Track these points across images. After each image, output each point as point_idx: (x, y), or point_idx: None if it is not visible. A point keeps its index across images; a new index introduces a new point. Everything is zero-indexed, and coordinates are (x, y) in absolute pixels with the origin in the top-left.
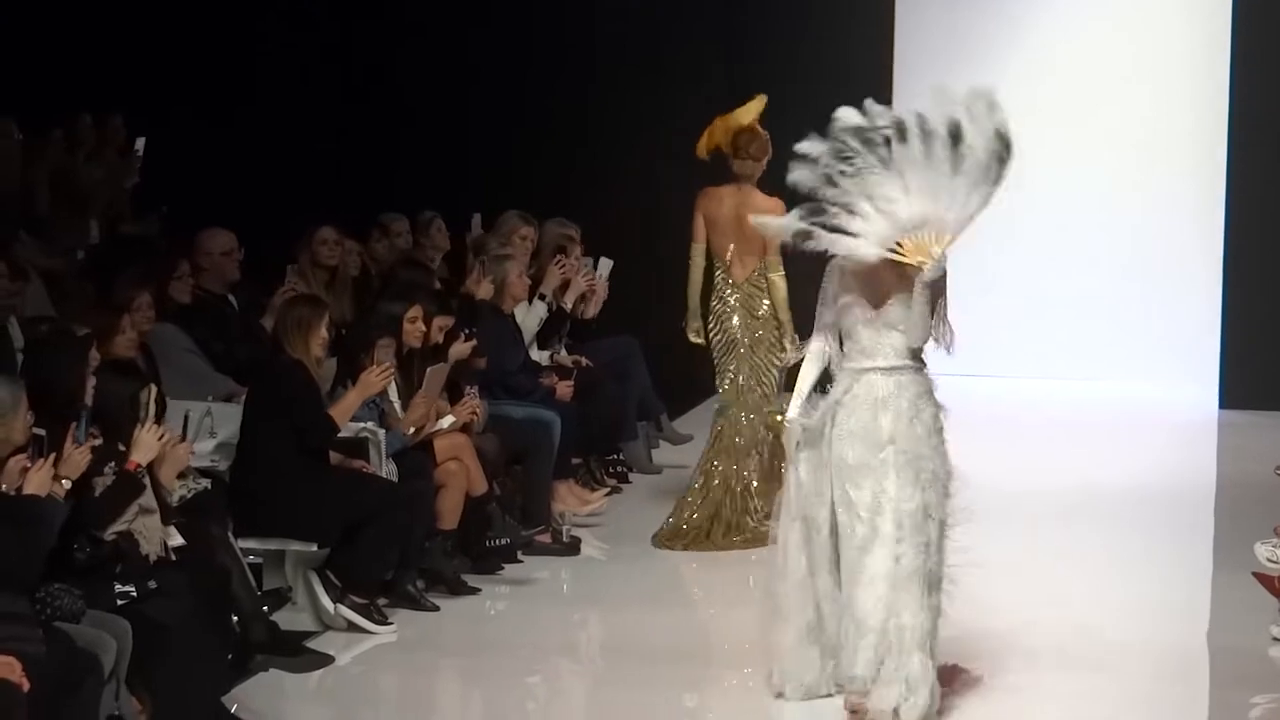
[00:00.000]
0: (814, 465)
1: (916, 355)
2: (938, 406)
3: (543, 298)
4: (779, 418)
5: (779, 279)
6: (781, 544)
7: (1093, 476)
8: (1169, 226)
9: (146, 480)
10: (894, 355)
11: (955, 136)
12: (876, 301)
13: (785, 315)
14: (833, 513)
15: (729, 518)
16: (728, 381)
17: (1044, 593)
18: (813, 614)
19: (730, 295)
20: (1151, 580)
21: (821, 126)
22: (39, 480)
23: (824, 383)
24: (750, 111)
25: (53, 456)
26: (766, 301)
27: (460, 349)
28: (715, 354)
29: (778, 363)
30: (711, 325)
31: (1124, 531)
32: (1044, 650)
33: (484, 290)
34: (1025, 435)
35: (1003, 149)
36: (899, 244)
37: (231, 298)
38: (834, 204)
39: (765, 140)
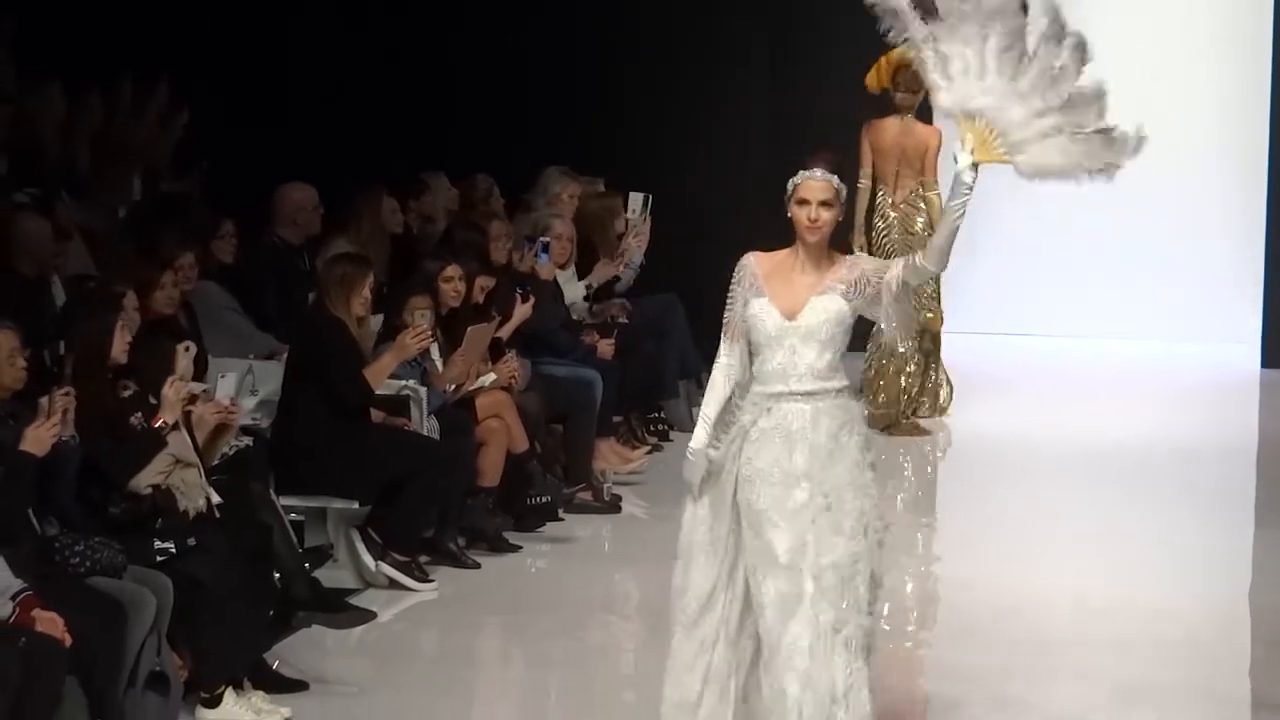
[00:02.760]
0: (717, 509)
1: (838, 373)
2: (864, 437)
3: (590, 288)
4: (929, 315)
5: (935, 196)
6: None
7: (1134, 436)
8: (1211, 185)
9: (169, 437)
10: (810, 377)
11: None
12: (791, 307)
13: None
14: (732, 567)
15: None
16: None
17: (1084, 551)
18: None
19: (891, 214)
20: (1193, 539)
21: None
22: (34, 438)
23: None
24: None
25: (58, 416)
26: (922, 219)
27: (522, 311)
28: None
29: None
30: (874, 240)
31: (1166, 491)
32: (1082, 609)
33: (526, 263)
34: (1066, 395)
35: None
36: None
37: (305, 254)
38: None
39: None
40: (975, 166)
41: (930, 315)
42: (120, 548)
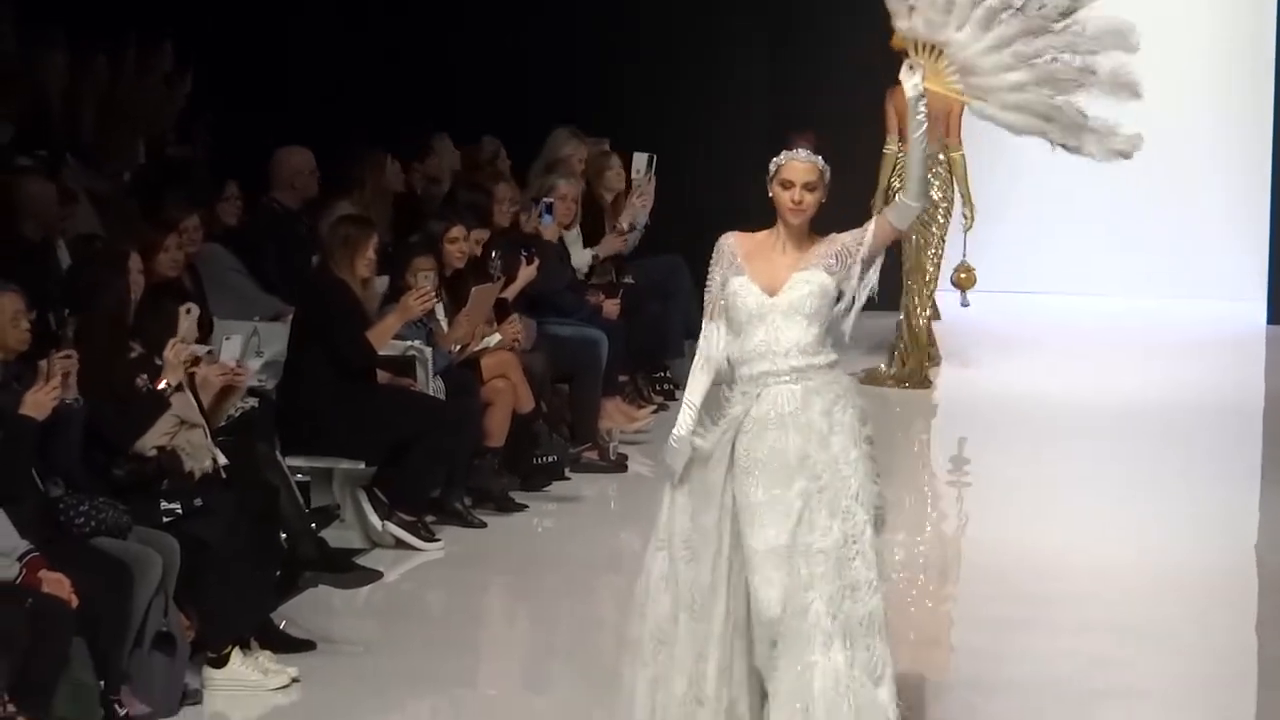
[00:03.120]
0: (702, 500)
1: (826, 347)
2: (859, 410)
3: (597, 259)
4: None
5: (959, 156)
6: (645, 576)
7: (1141, 392)
8: (1218, 142)
9: (173, 399)
10: (797, 353)
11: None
12: (772, 284)
13: (965, 187)
14: (727, 573)
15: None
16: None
17: (1090, 507)
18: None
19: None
20: (1199, 496)
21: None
22: (34, 402)
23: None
24: None
25: (57, 380)
26: (939, 183)
27: (527, 273)
28: None
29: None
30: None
31: (1172, 447)
32: (1089, 567)
33: (531, 224)
34: (1074, 351)
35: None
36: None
37: (305, 218)
38: None
39: None
40: (923, 95)
41: (964, 275)
42: (125, 509)
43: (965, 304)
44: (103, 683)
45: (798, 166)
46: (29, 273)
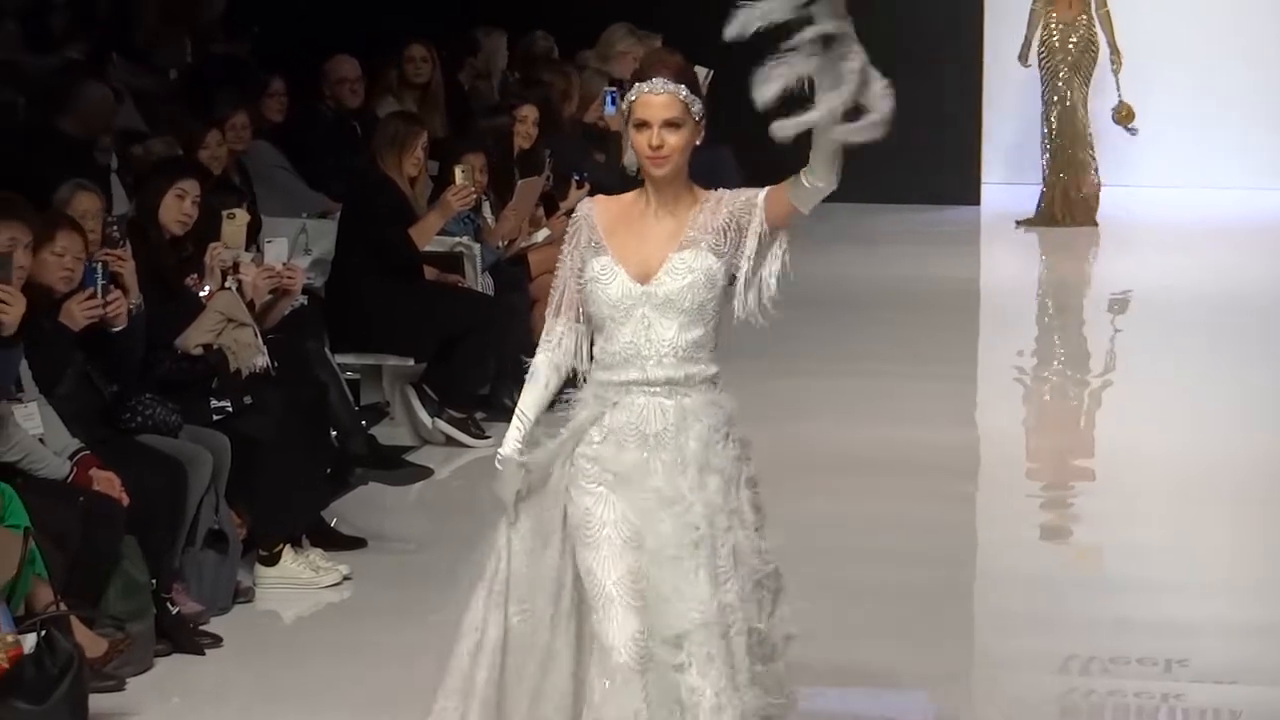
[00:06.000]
0: (540, 533)
1: (708, 355)
2: (742, 443)
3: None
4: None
5: (1106, 13)
6: (468, 635)
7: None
8: None
9: (219, 295)
10: (672, 359)
11: None
12: (643, 268)
13: (1110, 33)
14: (570, 614)
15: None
16: (1055, 97)
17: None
18: None
19: (1054, 32)
20: None
21: None
22: (69, 311)
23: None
24: None
25: (93, 291)
26: (1076, 36)
27: (578, 195)
28: (1042, 77)
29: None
30: (1041, 53)
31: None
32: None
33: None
34: (1217, 245)
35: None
36: None
37: (354, 120)
38: None
39: None
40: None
41: (1124, 112)
42: (175, 407)
43: (1133, 131)
44: (154, 580)
45: (652, 101)
46: (72, 171)
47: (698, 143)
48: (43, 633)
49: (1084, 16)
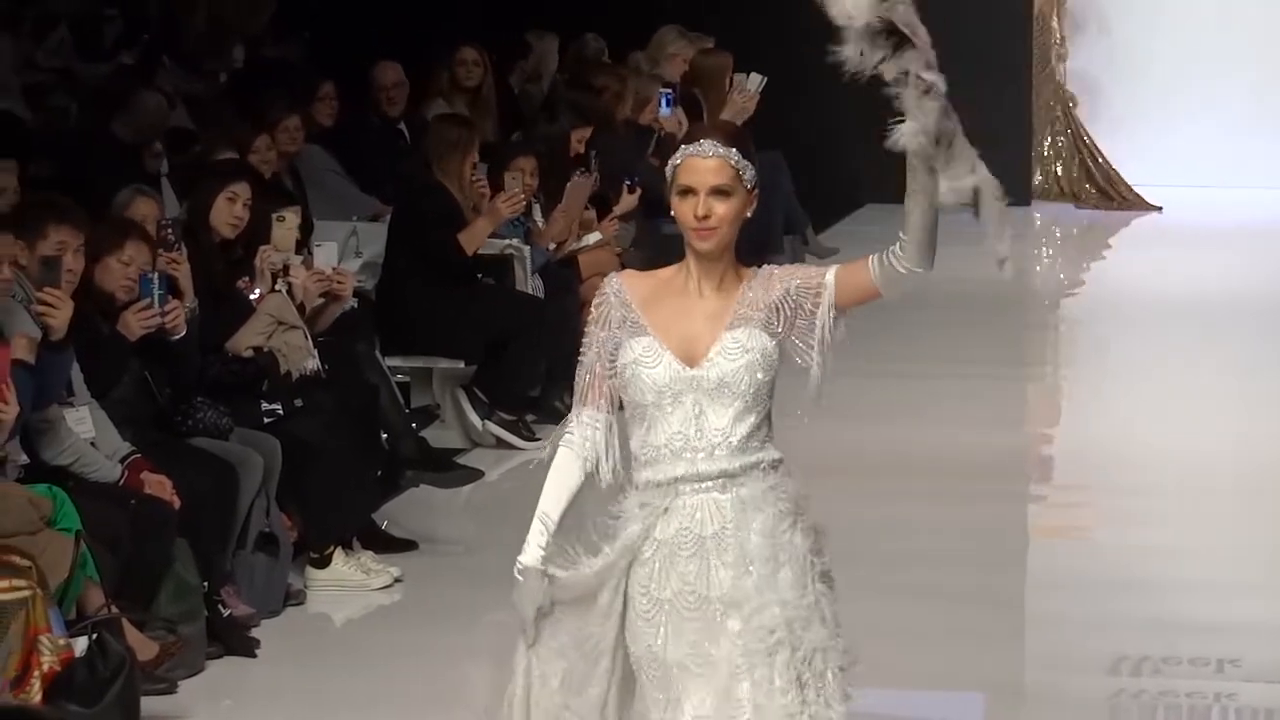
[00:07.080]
0: (583, 656)
1: (767, 440)
2: (814, 532)
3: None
4: None
5: None
6: None
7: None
8: None
9: (269, 298)
10: (726, 452)
11: None
12: (690, 349)
13: None
14: None
15: None
16: None
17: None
18: None
19: None
20: None
21: None
22: (125, 321)
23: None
24: None
25: (150, 301)
26: None
27: (629, 200)
28: None
29: None
30: None
31: None
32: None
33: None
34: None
35: None
36: None
37: (403, 125)
38: None
39: None
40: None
41: None
42: (226, 410)
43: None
44: (206, 583)
45: (699, 165)
46: (123, 176)
47: (748, 214)
48: (94, 635)
49: None
